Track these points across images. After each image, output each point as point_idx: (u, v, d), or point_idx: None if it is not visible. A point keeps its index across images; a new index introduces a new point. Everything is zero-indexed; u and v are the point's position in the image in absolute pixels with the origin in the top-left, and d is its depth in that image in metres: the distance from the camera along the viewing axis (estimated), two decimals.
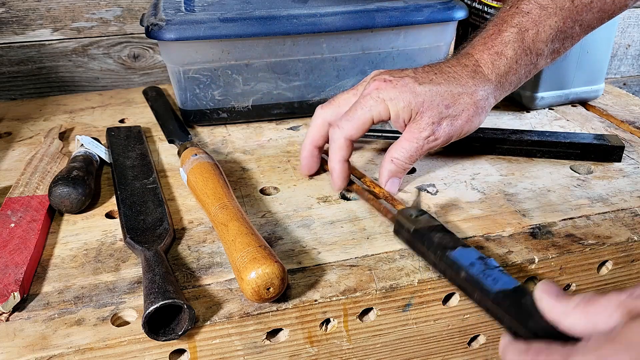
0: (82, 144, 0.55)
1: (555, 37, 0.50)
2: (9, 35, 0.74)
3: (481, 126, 0.60)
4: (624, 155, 0.57)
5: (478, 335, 0.45)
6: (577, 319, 0.27)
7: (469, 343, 0.45)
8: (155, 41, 0.65)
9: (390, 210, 0.45)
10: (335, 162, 0.49)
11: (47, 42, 0.76)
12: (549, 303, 0.29)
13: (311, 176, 0.54)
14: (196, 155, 0.49)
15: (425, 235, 0.39)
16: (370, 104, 0.47)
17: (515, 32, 0.49)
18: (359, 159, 0.57)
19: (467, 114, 0.48)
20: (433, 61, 0.56)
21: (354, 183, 0.50)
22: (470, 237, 0.45)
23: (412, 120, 0.48)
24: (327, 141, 0.51)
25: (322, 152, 0.53)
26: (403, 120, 0.48)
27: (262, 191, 0.52)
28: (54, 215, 0.48)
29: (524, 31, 0.49)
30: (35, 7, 0.74)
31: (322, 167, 0.54)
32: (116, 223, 0.47)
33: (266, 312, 0.37)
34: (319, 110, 0.51)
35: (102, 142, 0.58)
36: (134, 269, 0.41)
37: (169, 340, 0.35)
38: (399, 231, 0.42)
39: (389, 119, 0.48)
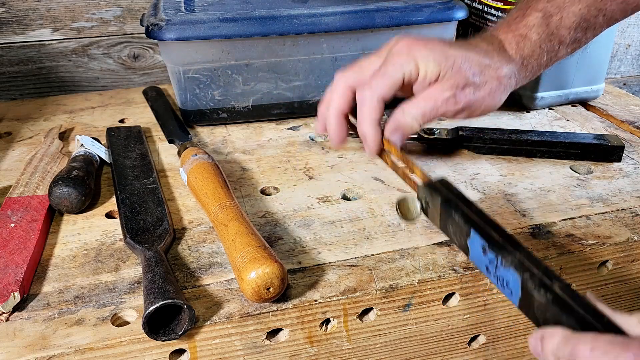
0: (82, 144, 0.55)
1: (578, 24, 0.49)
2: (9, 35, 0.74)
3: (481, 126, 0.60)
4: (624, 155, 0.57)
5: (478, 335, 0.45)
6: None
7: (469, 343, 0.45)
8: (155, 41, 0.65)
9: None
10: (368, 125, 0.45)
11: (47, 42, 0.76)
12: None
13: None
14: (196, 155, 0.49)
15: (443, 216, 0.37)
16: (402, 62, 0.44)
17: (540, 17, 0.49)
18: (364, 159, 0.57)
19: (490, 86, 0.46)
20: None
21: (385, 152, 0.46)
22: None
23: (437, 81, 0.45)
24: (352, 107, 0.47)
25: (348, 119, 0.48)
26: (429, 81, 0.45)
27: (262, 191, 0.52)
28: (54, 215, 0.48)
29: (549, 16, 0.49)
30: (35, 7, 0.74)
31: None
32: (116, 223, 0.47)
33: (266, 312, 0.37)
34: (339, 75, 0.47)
35: (102, 142, 0.58)
36: (134, 269, 0.41)
37: (169, 340, 0.35)
38: (426, 210, 0.39)
39: (416, 80, 0.45)
